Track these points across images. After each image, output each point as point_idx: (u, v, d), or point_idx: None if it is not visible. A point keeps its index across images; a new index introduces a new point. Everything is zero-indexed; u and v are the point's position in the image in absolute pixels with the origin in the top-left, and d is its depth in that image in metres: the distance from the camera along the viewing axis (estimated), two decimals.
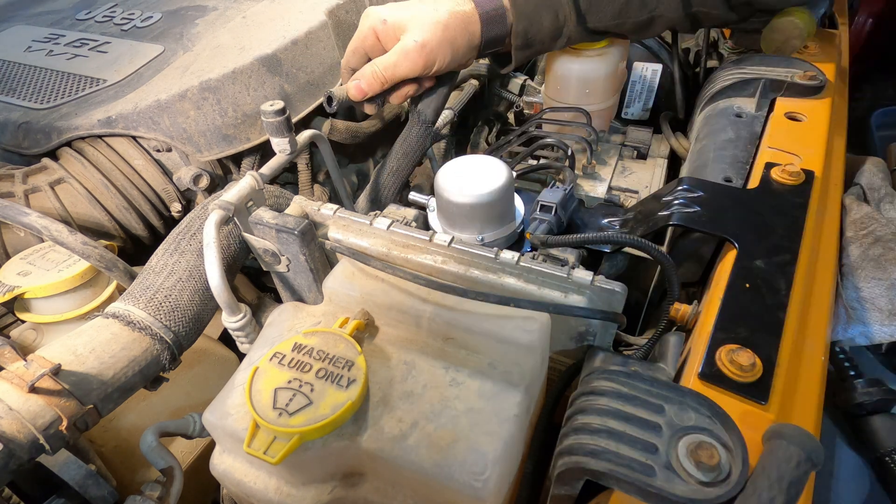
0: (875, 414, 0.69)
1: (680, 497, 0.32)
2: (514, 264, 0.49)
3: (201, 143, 0.75)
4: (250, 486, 0.46)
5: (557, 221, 0.62)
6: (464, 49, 0.66)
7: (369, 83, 0.65)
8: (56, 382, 0.44)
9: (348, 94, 0.67)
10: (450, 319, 0.48)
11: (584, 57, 0.80)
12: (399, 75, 0.65)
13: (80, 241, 0.60)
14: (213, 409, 0.45)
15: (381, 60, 0.65)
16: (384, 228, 0.54)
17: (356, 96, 0.66)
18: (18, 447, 0.42)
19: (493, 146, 0.89)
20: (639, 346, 0.55)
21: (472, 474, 0.39)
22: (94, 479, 0.53)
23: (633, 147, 0.84)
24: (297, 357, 0.44)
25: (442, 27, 0.63)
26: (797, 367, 0.44)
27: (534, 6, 0.67)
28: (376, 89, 0.66)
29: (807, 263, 0.51)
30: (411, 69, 0.64)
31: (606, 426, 0.36)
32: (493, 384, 0.44)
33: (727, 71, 0.79)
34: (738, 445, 0.34)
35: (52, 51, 0.88)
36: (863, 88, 1.57)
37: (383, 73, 0.65)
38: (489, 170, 0.60)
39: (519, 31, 0.68)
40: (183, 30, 0.88)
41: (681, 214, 0.56)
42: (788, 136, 0.66)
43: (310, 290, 0.60)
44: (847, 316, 0.66)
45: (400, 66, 0.64)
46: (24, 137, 0.76)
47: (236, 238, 0.60)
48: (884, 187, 0.77)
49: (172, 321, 0.53)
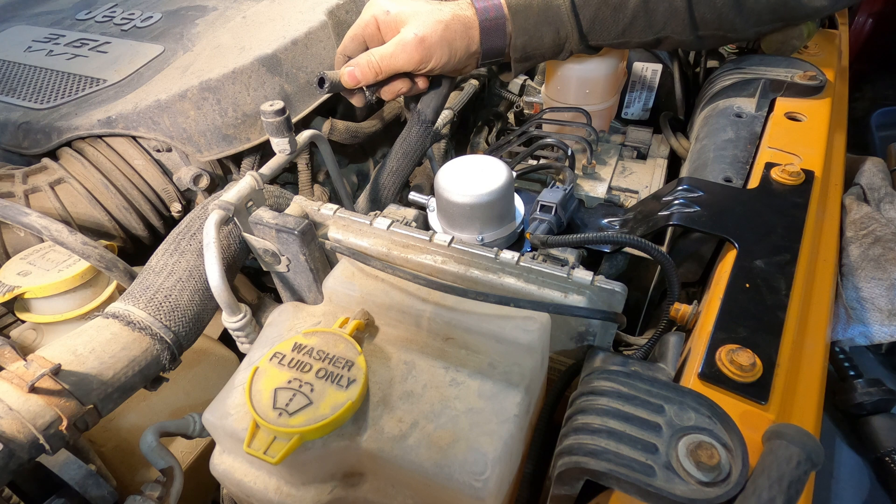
0: (875, 414, 0.69)
1: (680, 497, 0.32)
2: (514, 264, 0.49)
3: (201, 143, 0.75)
4: (250, 486, 0.46)
5: (557, 221, 0.62)
6: (461, 53, 0.66)
7: (363, 71, 0.65)
8: (56, 382, 0.44)
9: (341, 79, 0.66)
10: (450, 319, 0.48)
11: (583, 57, 0.80)
12: (394, 67, 0.65)
13: (80, 241, 0.60)
14: (213, 409, 0.45)
15: (377, 50, 0.65)
16: (384, 228, 0.54)
17: (349, 83, 0.66)
18: (18, 447, 0.42)
19: (493, 146, 0.89)
20: (639, 346, 0.55)
21: (472, 474, 0.39)
22: (94, 479, 0.53)
23: (633, 147, 0.84)
24: (297, 357, 0.44)
25: (443, 26, 0.63)
26: (797, 367, 0.44)
27: (534, 23, 0.67)
28: (370, 78, 0.65)
29: (807, 263, 0.51)
30: (407, 62, 0.64)
31: (606, 426, 0.36)
32: (493, 384, 0.44)
33: (727, 71, 0.79)
34: (738, 445, 0.34)
35: (52, 51, 0.88)
36: (863, 88, 1.57)
37: (378, 62, 0.64)
38: (489, 170, 0.60)
39: (518, 46, 0.68)
40: (183, 30, 0.88)
41: (681, 214, 0.56)
42: (788, 136, 0.66)
43: (310, 290, 0.60)
44: (847, 316, 0.66)
45: (396, 58, 0.64)
46: (24, 137, 0.76)
47: (236, 238, 0.60)
48: (884, 187, 0.77)
49: (172, 321, 0.53)
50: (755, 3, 0.66)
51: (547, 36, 0.68)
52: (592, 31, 0.68)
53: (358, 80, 0.66)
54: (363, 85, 0.66)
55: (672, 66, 0.91)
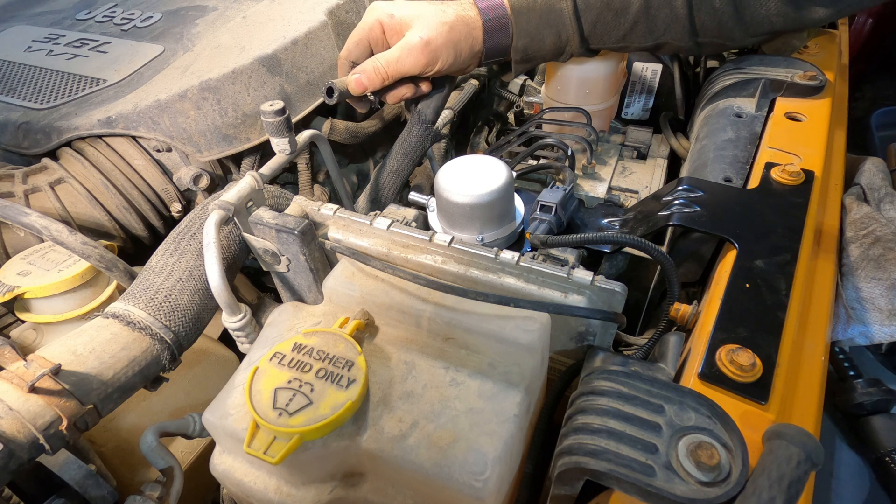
0: (875, 414, 0.69)
1: (680, 497, 0.32)
2: (514, 264, 0.49)
3: (201, 143, 0.75)
4: (250, 486, 0.46)
5: (557, 221, 0.62)
6: (466, 54, 0.66)
7: (370, 77, 0.65)
8: (56, 382, 0.44)
9: (348, 87, 0.66)
10: (450, 319, 0.48)
11: (583, 59, 0.80)
12: (401, 71, 0.65)
13: (80, 241, 0.60)
14: (213, 409, 0.45)
15: (383, 55, 0.65)
16: (384, 228, 0.54)
17: (356, 90, 0.66)
18: (18, 447, 0.42)
19: (493, 146, 0.89)
20: (639, 346, 0.55)
21: (472, 474, 0.39)
22: (94, 479, 0.53)
23: (633, 147, 0.84)
24: (297, 357, 0.44)
25: (448, 28, 0.63)
26: (797, 367, 0.44)
27: (536, 25, 0.67)
28: (377, 84, 0.65)
29: (807, 263, 0.51)
30: (413, 66, 0.64)
31: (606, 426, 0.36)
32: (493, 384, 0.44)
33: (727, 71, 0.79)
34: (738, 445, 0.34)
35: (52, 51, 0.88)
36: (863, 88, 1.57)
37: (385, 68, 0.64)
38: (489, 170, 0.60)
39: (519, 48, 0.68)
40: (183, 30, 0.88)
41: (681, 214, 0.56)
42: (788, 136, 0.66)
43: (310, 290, 0.60)
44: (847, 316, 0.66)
45: (403, 62, 0.64)
46: (24, 137, 0.76)
47: (236, 238, 0.60)
48: (884, 187, 0.77)
49: (172, 321, 0.53)
50: (755, 14, 0.66)
51: (548, 38, 0.68)
52: (594, 35, 0.68)
53: (365, 87, 0.65)
54: (370, 91, 0.66)
55: (672, 66, 0.91)
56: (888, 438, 0.67)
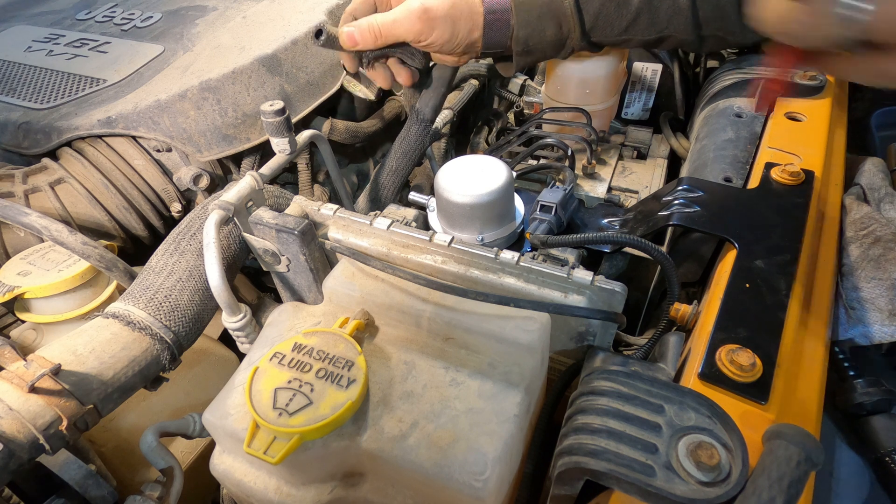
0: (875, 414, 0.69)
1: (680, 497, 0.32)
2: (514, 264, 0.49)
3: (201, 143, 0.75)
4: (250, 486, 0.46)
5: (557, 221, 0.62)
6: (462, 35, 0.65)
7: (362, 34, 0.64)
8: (56, 382, 0.44)
9: (339, 39, 0.65)
10: (450, 319, 0.48)
11: (584, 57, 0.80)
12: (394, 34, 0.64)
13: (80, 241, 0.60)
14: (213, 409, 0.45)
15: (380, 15, 0.64)
16: (384, 228, 0.54)
17: (346, 44, 0.65)
18: (18, 447, 0.42)
19: (493, 146, 0.89)
20: (639, 346, 0.55)
21: (472, 474, 0.39)
22: (94, 479, 0.53)
23: (633, 147, 0.84)
24: (297, 357, 0.44)
25: (450, 3, 0.63)
26: (797, 367, 0.44)
27: (537, 16, 0.66)
28: (369, 42, 0.64)
29: (807, 263, 0.51)
30: (408, 31, 0.63)
31: (606, 426, 0.36)
32: (493, 384, 0.44)
33: (727, 71, 0.79)
34: (738, 445, 0.34)
35: (52, 51, 0.88)
36: (863, 88, 1.57)
37: (380, 27, 0.64)
38: (489, 170, 0.60)
39: (520, 38, 0.67)
40: (183, 30, 0.88)
41: (681, 214, 0.56)
42: (788, 136, 0.66)
43: (310, 290, 0.60)
44: (847, 316, 0.66)
45: (397, 25, 0.63)
46: (24, 137, 0.76)
47: (236, 238, 0.60)
48: (884, 187, 0.77)
49: (172, 321, 0.53)
50: None
51: (549, 30, 0.67)
52: (595, 28, 0.68)
53: (356, 42, 0.64)
54: (361, 48, 0.65)
55: (672, 66, 0.91)
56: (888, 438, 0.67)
